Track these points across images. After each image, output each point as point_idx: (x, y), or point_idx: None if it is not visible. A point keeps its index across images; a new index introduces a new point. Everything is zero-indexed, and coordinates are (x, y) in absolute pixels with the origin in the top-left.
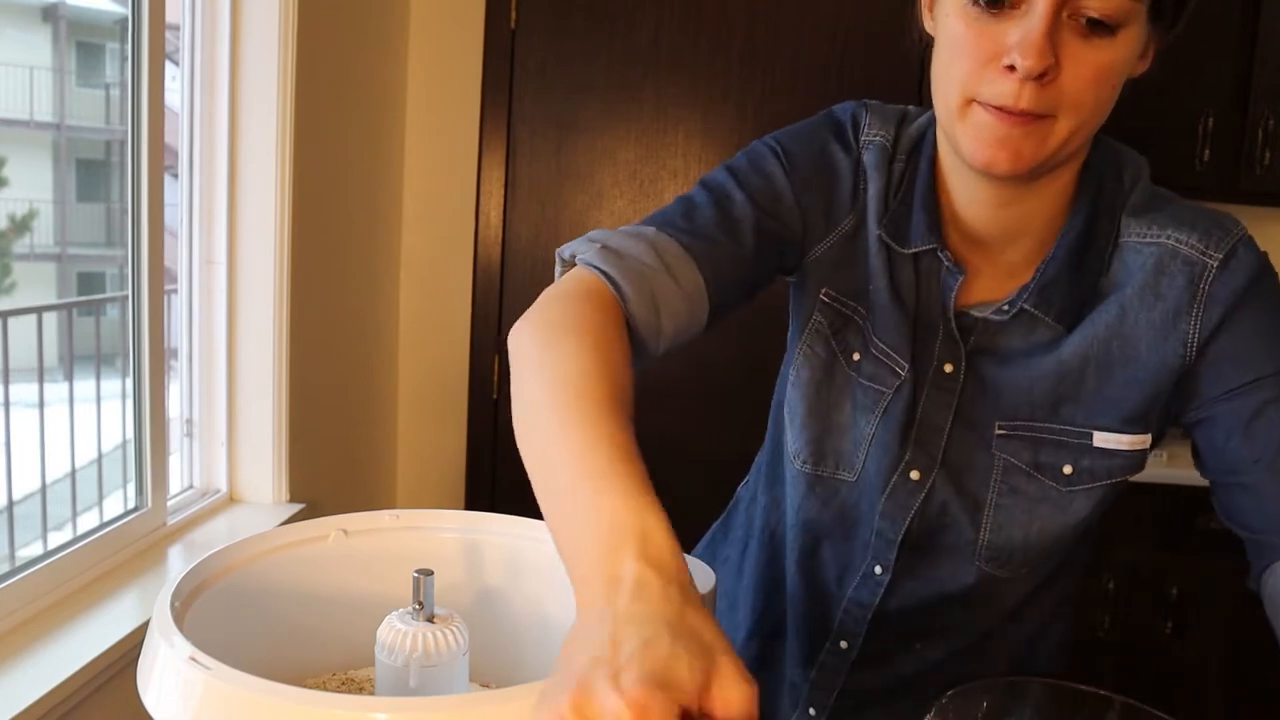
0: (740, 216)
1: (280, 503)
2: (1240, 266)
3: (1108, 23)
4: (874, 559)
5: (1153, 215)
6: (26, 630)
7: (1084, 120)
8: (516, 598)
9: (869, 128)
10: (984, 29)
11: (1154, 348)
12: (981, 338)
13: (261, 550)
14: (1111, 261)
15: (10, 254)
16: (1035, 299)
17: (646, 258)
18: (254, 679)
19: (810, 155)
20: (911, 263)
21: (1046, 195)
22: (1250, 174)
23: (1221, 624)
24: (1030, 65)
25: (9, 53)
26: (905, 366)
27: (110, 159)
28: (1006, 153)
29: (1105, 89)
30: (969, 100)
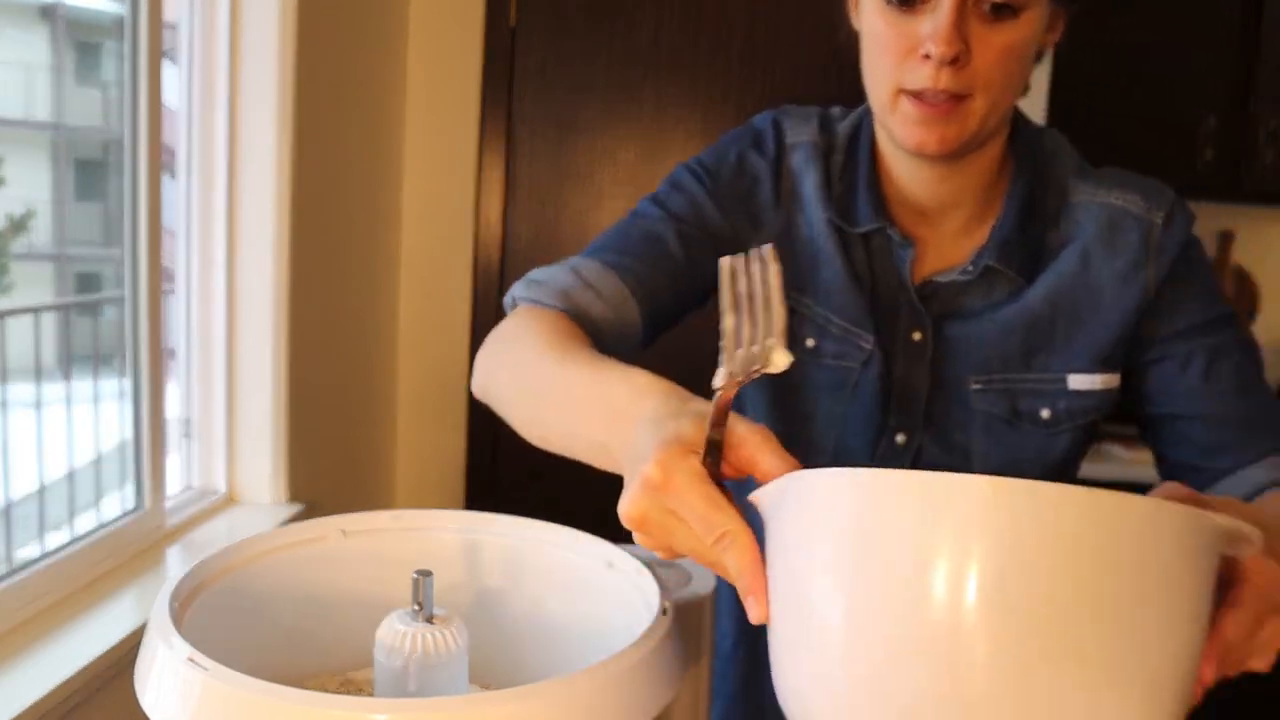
0: (663, 232)
1: (279, 503)
2: (1180, 223)
3: (1011, 6)
4: None
5: (1098, 178)
6: (24, 631)
7: (998, 97)
8: (516, 598)
9: (791, 132)
10: (900, 25)
11: (1118, 294)
12: (943, 303)
13: (260, 551)
14: (1061, 219)
15: (8, 254)
16: (996, 255)
17: (567, 279)
18: (253, 680)
19: (728, 166)
20: (863, 243)
21: (978, 167)
22: (1251, 174)
23: None
24: (942, 52)
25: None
26: (871, 340)
27: (108, 158)
28: (934, 135)
29: (1014, 66)
30: (897, 91)
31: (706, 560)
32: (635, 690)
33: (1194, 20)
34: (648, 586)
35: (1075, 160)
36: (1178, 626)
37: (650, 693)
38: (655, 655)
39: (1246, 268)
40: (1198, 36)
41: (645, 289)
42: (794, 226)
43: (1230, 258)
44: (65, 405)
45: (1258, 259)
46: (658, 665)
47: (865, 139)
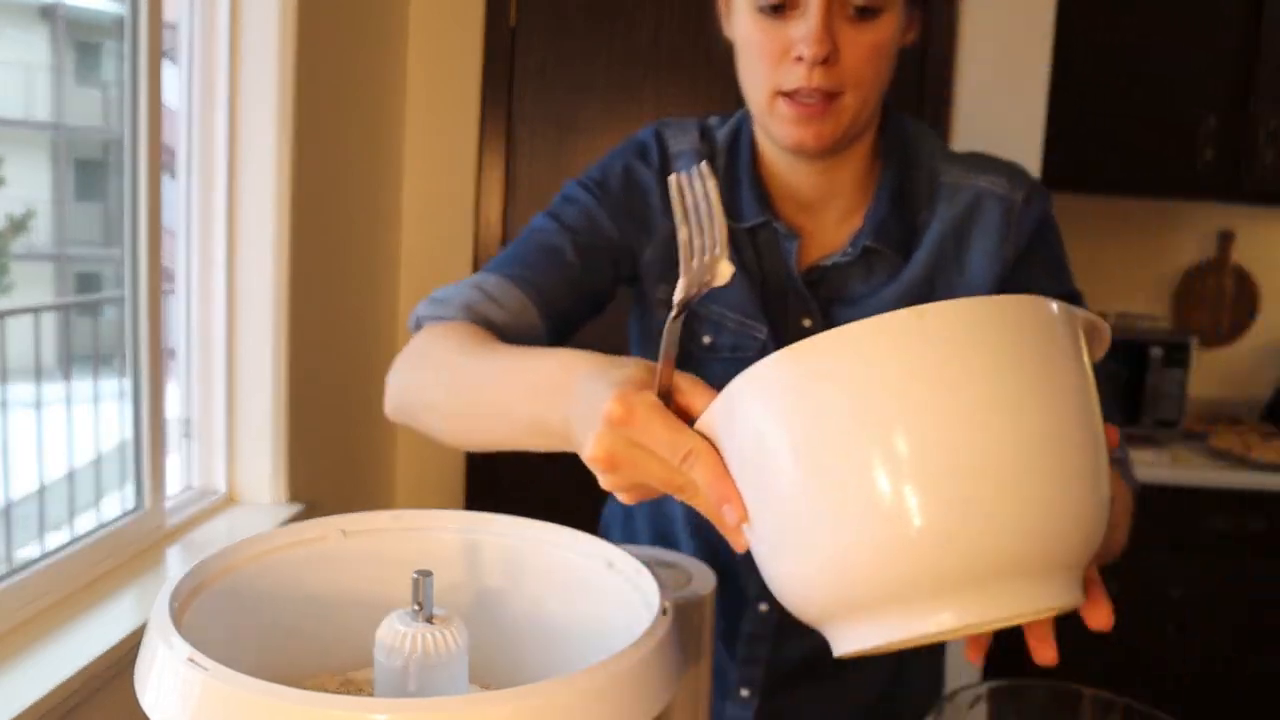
0: (559, 243)
1: (279, 503)
2: (1038, 203)
3: (871, 8)
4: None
5: (965, 163)
6: (24, 631)
7: (867, 93)
8: (516, 598)
9: (674, 142)
10: (773, 31)
11: (985, 269)
12: (830, 288)
13: (260, 551)
14: (934, 202)
15: (8, 254)
16: (873, 236)
17: (469, 294)
18: (252, 680)
19: (616, 178)
20: (749, 238)
21: (853, 159)
22: (1251, 174)
23: (1224, 625)
24: (814, 52)
25: (6, 52)
26: (764, 330)
27: (108, 158)
28: (811, 133)
29: (881, 63)
30: (774, 93)
31: (675, 485)
32: (635, 690)
33: (1194, 20)
34: (648, 586)
35: (939, 145)
36: (1088, 405)
37: (650, 693)
38: (655, 655)
39: (1246, 268)
40: (1198, 36)
41: (545, 298)
42: None
43: (1230, 258)
44: (65, 405)
45: (1258, 259)
46: (658, 665)
47: (745, 141)
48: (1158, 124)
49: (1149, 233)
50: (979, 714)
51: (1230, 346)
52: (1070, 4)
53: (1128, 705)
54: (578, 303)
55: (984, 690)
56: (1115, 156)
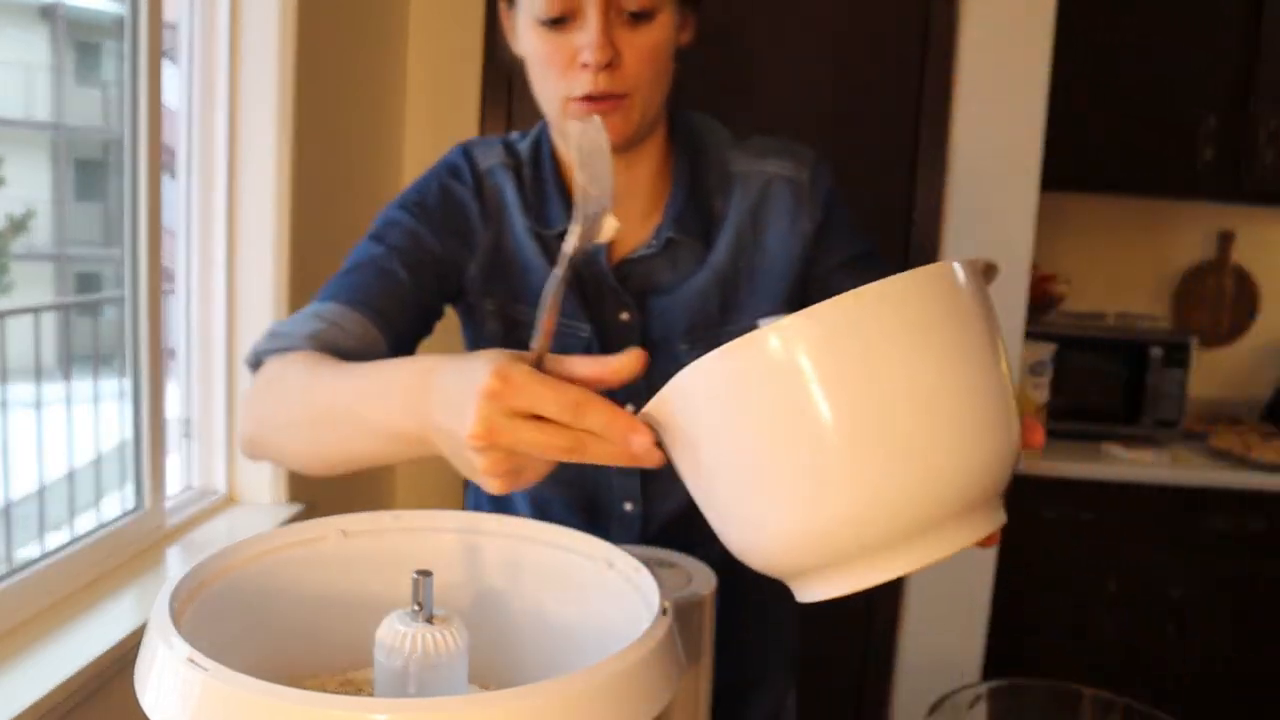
0: (388, 264)
1: (279, 503)
2: (822, 177)
3: (645, 12)
4: (622, 498)
5: (752, 150)
6: (24, 631)
7: (651, 92)
8: (516, 598)
9: (482, 159)
10: (557, 42)
11: (785, 246)
12: (641, 280)
13: (260, 551)
14: (729, 189)
15: (8, 254)
16: (673, 228)
17: (310, 324)
18: (252, 680)
19: (434, 197)
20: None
21: (647, 156)
22: (1251, 174)
23: (1223, 625)
24: (598, 58)
25: (6, 52)
26: (587, 329)
27: (108, 159)
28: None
29: (660, 63)
30: (565, 100)
31: (563, 447)
32: (635, 690)
33: (1194, 20)
34: (648, 586)
35: (726, 135)
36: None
37: (650, 693)
38: (655, 655)
39: (1246, 267)
40: (1198, 36)
41: (386, 320)
42: (502, 241)
43: (1230, 258)
44: (65, 405)
45: (1257, 259)
46: (658, 665)
47: (546, 151)
48: (1158, 124)
49: (1149, 233)
50: (979, 713)
51: (1230, 346)
52: (1070, 4)
53: (1127, 705)
54: (414, 322)
55: (984, 690)
56: (1115, 156)
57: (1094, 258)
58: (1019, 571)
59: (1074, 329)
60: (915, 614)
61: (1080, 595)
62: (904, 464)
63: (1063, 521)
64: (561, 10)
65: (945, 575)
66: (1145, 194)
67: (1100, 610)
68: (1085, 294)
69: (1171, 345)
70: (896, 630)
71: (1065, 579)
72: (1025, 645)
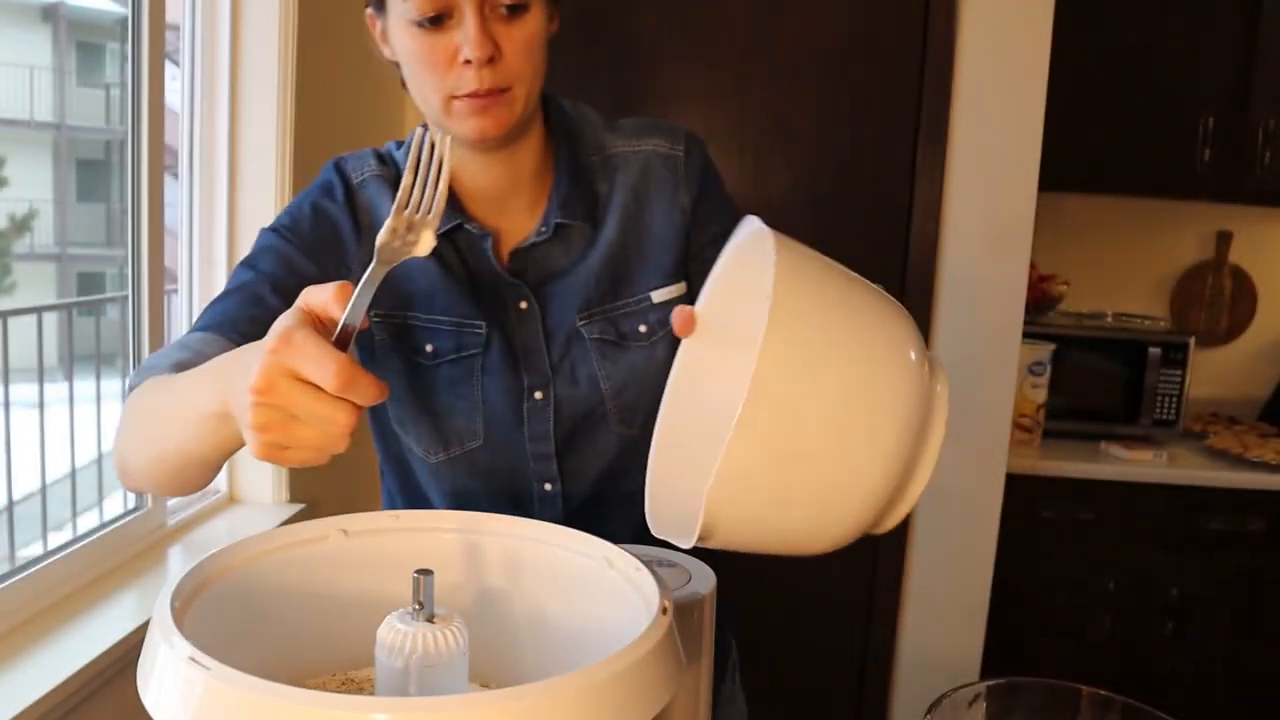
0: (260, 291)
1: (280, 503)
2: (696, 151)
3: (519, 5)
4: (540, 480)
5: (628, 131)
6: (26, 630)
7: (531, 83)
8: (516, 598)
9: (355, 172)
10: (435, 42)
11: (668, 220)
12: (537, 269)
13: (261, 551)
14: (610, 171)
15: (10, 254)
16: (560, 213)
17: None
18: (254, 679)
19: (305, 219)
20: (449, 243)
21: (529, 148)
22: (1250, 174)
23: (1222, 625)
24: (479, 54)
25: (9, 52)
26: (482, 325)
27: (110, 159)
28: (490, 121)
29: (537, 54)
30: (448, 98)
31: (330, 418)
32: (635, 690)
33: (1193, 21)
34: (647, 586)
35: (601, 120)
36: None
37: (650, 692)
38: (655, 655)
39: (1245, 268)
40: (1197, 37)
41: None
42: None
43: (1228, 258)
44: (67, 405)
45: (1256, 259)
46: (657, 665)
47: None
48: (1157, 124)
49: (1148, 233)
50: (977, 712)
51: (1228, 346)
52: (1070, 4)
53: (1126, 704)
54: None
55: (983, 689)
56: (1115, 156)
57: (1093, 258)
58: (1018, 571)
59: (1073, 329)
60: (915, 613)
61: (1079, 594)
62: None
63: (1061, 521)
64: (437, 9)
65: (945, 575)
66: (1144, 194)
67: (1099, 609)
68: (1084, 294)
69: (1170, 345)
70: (896, 629)
71: (1064, 578)
72: (1024, 644)
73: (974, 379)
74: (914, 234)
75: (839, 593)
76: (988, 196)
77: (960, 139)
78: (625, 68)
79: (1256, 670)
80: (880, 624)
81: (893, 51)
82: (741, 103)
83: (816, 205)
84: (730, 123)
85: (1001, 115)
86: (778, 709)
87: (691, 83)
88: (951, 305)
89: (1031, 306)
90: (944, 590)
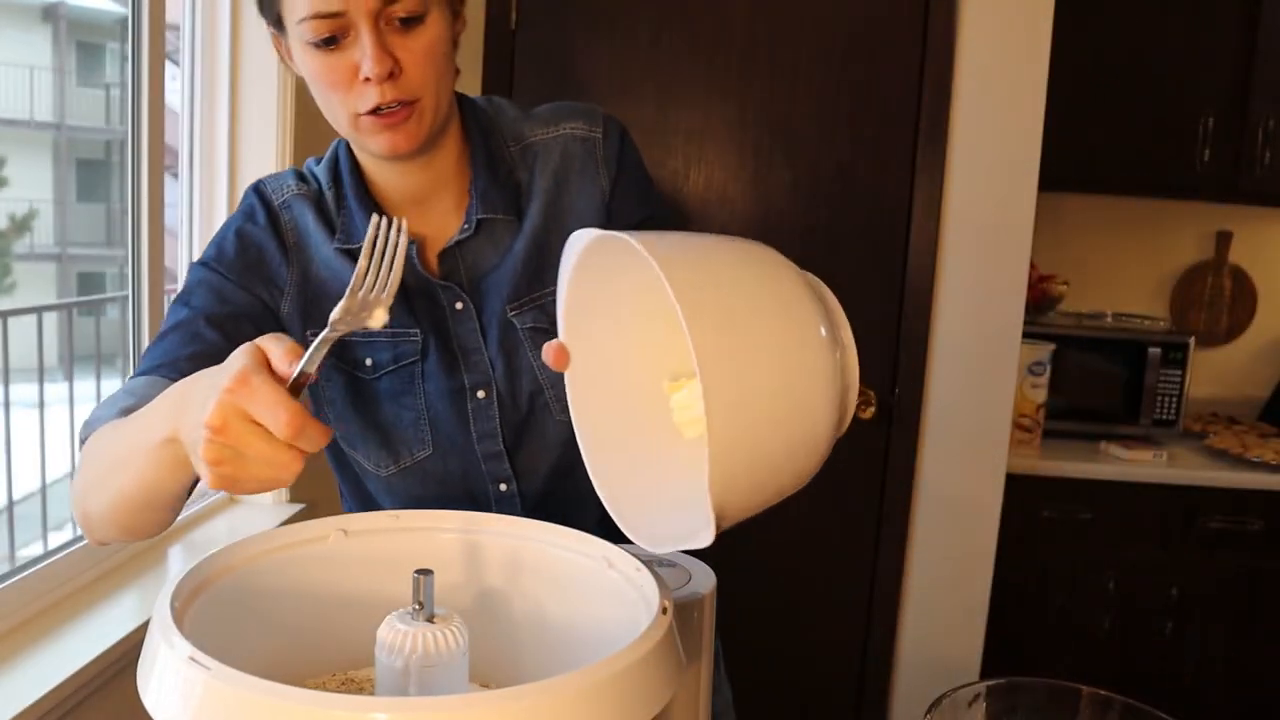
0: (197, 328)
1: (280, 503)
2: (614, 132)
3: (415, 16)
4: (494, 480)
5: (545, 118)
6: (26, 630)
7: (438, 91)
8: (516, 598)
9: (275, 194)
10: (334, 62)
11: (590, 203)
12: (467, 267)
13: (261, 550)
14: (530, 159)
15: (10, 254)
16: (481, 208)
17: (122, 401)
18: (254, 679)
19: (230, 246)
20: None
21: (446, 151)
22: (1250, 174)
23: (1222, 624)
24: (378, 72)
25: (9, 52)
26: (416, 332)
27: (110, 159)
28: (402, 136)
29: (440, 62)
30: (355, 115)
31: (278, 462)
32: (635, 689)
33: (1192, 21)
34: (647, 586)
35: (517, 111)
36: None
37: (650, 692)
38: (655, 655)
39: (1244, 268)
40: (1196, 37)
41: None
42: (310, 271)
43: (1228, 257)
44: (68, 405)
45: (1255, 259)
46: (657, 664)
47: (345, 165)
48: (1157, 124)
49: (1147, 233)
50: (977, 712)
51: (1228, 346)
52: (1070, 4)
53: (1125, 704)
54: None
55: (982, 688)
56: (1114, 156)
57: (1093, 258)
58: (1018, 570)
59: (1073, 329)
60: (915, 613)
61: (1079, 594)
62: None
63: (1061, 521)
64: (331, 30)
65: (945, 574)
66: (1143, 194)
67: (1099, 609)
68: (1084, 294)
69: (1170, 345)
70: (896, 629)
71: (1064, 578)
72: (1024, 644)
73: (974, 379)
74: (914, 234)
75: (839, 593)
76: (988, 196)
77: (960, 139)
78: (625, 67)
79: (1256, 670)
80: (880, 624)
81: (893, 51)
82: (741, 102)
83: (816, 205)
84: (730, 122)
85: (1001, 115)
86: (778, 709)
87: (691, 82)
88: (951, 305)
89: (1031, 306)
90: (944, 590)
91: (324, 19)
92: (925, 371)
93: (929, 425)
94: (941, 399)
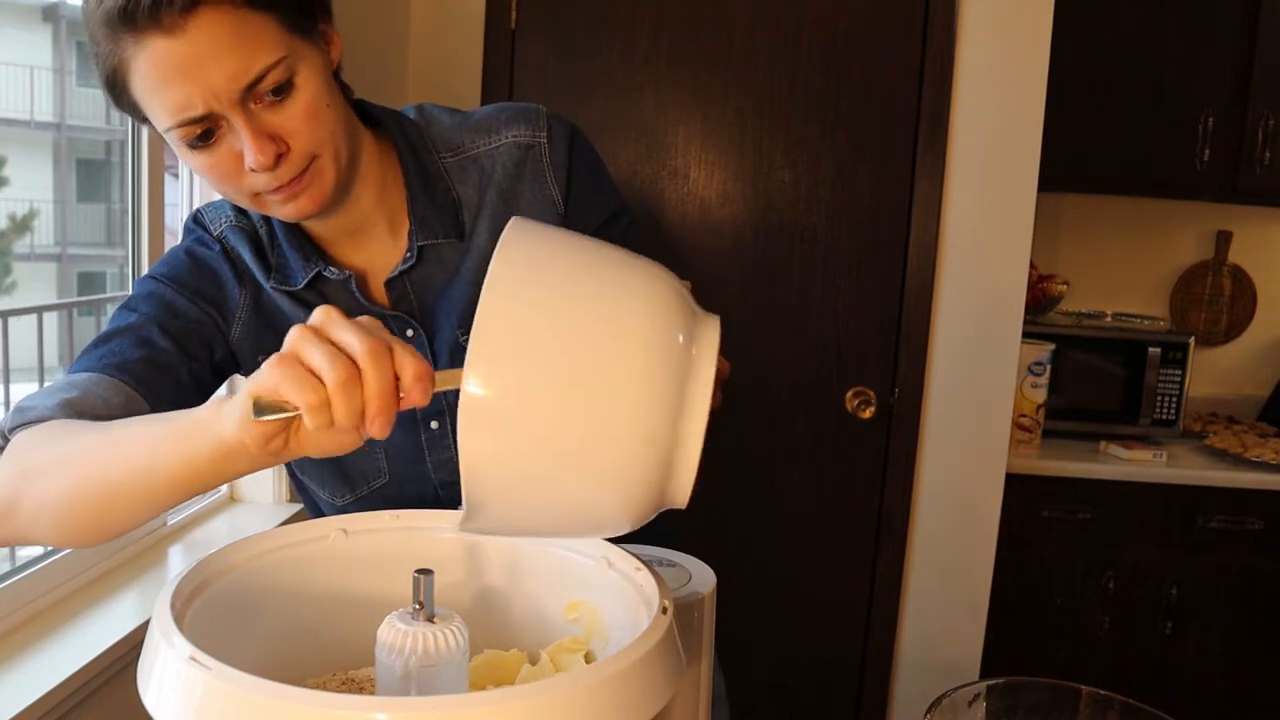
0: (146, 332)
1: (280, 502)
2: (560, 134)
3: (282, 85)
4: (452, 506)
5: (484, 125)
6: (26, 630)
7: (336, 143)
8: (516, 598)
9: (213, 224)
10: (216, 158)
11: (541, 216)
12: (417, 291)
13: (262, 550)
14: (471, 172)
15: (10, 254)
16: (421, 234)
17: (62, 394)
18: (254, 679)
19: (183, 265)
20: (315, 293)
21: (367, 180)
22: (1250, 174)
23: (1221, 624)
24: (264, 160)
25: (9, 52)
26: None
27: (110, 159)
28: (306, 202)
29: (326, 115)
30: (253, 196)
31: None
32: (635, 689)
33: (1192, 20)
34: (647, 585)
35: (451, 117)
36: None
37: (650, 692)
38: (655, 654)
39: (1244, 268)
40: (1196, 37)
41: (149, 386)
42: (261, 299)
43: (1228, 257)
44: None
45: (1255, 259)
46: (658, 664)
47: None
48: (1156, 124)
49: (1147, 232)
50: (977, 711)
51: (1228, 346)
52: (1070, 4)
53: (1126, 704)
54: (180, 390)
55: (982, 688)
56: (1114, 156)
57: (1092, 258)
58: (1018, 570)
59: (1072, 328)
60: (915, 613)
61: (1079, 594)
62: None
63: (1061, 520)
64: (203, 127)
65: (945, 575)
66: (1143, 194)
67: (1098, 609)
68: (1084, 294)
69: (1169, 345)
70: (896, 629)
71: (1064, 578)
72: (1024, 644)
73: (974, 379)
74: (914, 234)
75: (839, 593)
76: (988, 196)
77: (960, 139)
78: (625, 68)
79: (1255, 669)
80: (880, 624)
81: (893, 51)
82: (741, 102)
83: (816, 205)
84: (729, 124)
85: (1001, 115)
86: (778, 708)
87: (691, 82)
88: (951, 305)
89: (1031, 306)
90: (944, 590)
91: (191, 124)
92: (925, 371)
93: (929, 425)
94: (941, 399)
